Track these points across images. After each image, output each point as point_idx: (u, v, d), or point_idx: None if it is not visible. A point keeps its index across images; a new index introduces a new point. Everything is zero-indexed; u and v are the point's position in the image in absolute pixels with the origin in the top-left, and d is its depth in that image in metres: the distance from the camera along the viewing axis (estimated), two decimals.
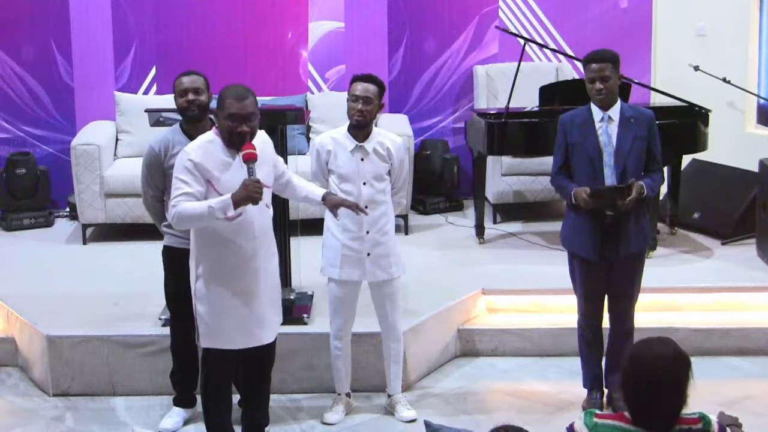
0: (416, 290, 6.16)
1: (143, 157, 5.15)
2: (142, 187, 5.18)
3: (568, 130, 5.15)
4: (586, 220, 5.10)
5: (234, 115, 4.41)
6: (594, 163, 5.06)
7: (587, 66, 5.09)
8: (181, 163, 4.46)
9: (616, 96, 5.11)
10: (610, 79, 5.03)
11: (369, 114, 5.09)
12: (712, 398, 5.18)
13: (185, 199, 4.41)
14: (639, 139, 5.08)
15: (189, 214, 4.40)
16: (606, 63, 5.04)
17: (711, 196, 7.50)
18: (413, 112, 8.47)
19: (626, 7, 8.46)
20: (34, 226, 7.90)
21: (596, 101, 5.09)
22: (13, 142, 8.23)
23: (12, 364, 5.98)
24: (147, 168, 5.09)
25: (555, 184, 5.27)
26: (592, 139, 5.07)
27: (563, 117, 5.23)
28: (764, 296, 6.35)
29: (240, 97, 4.42)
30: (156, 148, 5.04)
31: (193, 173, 4.42)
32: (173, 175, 4.52)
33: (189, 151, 4.46)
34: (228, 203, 4.37)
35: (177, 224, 4.49)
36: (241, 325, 4.59)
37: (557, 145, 5.20)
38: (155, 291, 6.09)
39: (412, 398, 5.53)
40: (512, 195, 7.88)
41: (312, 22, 8.29)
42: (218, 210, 4.37)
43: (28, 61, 8.17)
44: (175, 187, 4.45)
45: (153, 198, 5.14)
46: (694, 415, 3.15)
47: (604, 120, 5.08)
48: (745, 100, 7.95)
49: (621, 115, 5.09)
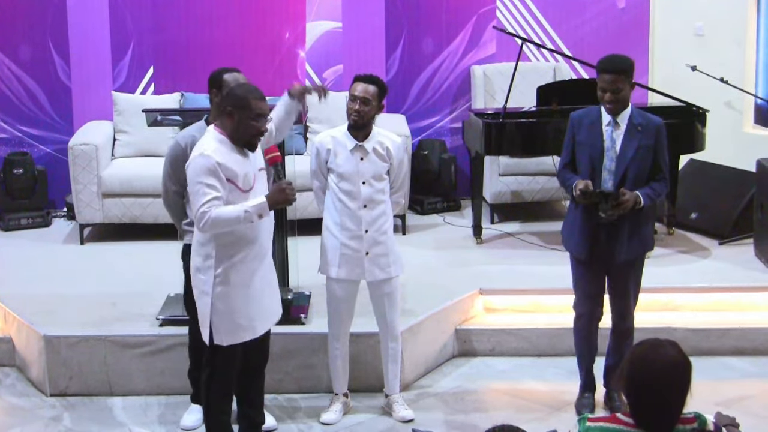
0: (414, 290, 6.16)
1: (167, 152, 5.06)
2: (164, 183, 5.09)
3: (577, 128, 5.14)
4: (580, 220, 5.11)
5: (261, 116, 4.47)
6: (594, 165, 5.06)
7: (600, 75, 5.00)
8: (204, 166, 4.41)
9: (627, 103, 5.05)
10: (622, 90, 4.96)
11: (366, 115, 5.09)
12: (710, 398, 5.19)
13: (216, 204, 4.40)
14: (644, 147, 5.03)
15: (225, 219, 4.40)
16: (619, 75, 4.95)
17: (708, 197, 7.50)
18: (411, 111, 8.47)
19: (624, 7, 8.46)
20: (31, 226, 7.89)
21: (607, 110, 5.05)
22: (11, 142, 8.22)
23: (9, 364, 5.98)
24: (171, 163, 5.00)
25: (560, 178, 5.27)
26: (597, 141, 5.05)
27: (573, 114, 5.21)
28: (762, 296, 6.35)
29: (262, 96, 4.50)
30: (182, 143, 4.95)
31: (218, 176, 4.41)
32: (194, 180, 4.44)
33: (210, 154, 4.42)
34: (263, 206, 4.44)
35: (210, 229, 4.45)
36: (259, 312, 4.66)
37: (566, 141, 5.20)
38: (153, 291, 6.13)
39: (409, 398, 5.53)
40: (510, 195, 7.88)
41: (309, 22, 8.28)
42: (254, 214, 4.42)
43: (25, 61, 8.17)
44: (202, 192, 4.40)
45: (175, 194, 5.05)
46: (690, 415, 3.16)
47: (611, 124, 5.05)
48: (743, 100, 7.96)
49: (629, 122, 5.04)
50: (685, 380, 3.09)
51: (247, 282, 4.60)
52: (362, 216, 5.13)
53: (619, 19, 8.46)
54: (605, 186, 5.04)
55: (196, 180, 4.44)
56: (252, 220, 4.44)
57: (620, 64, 4.99)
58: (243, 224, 4.45)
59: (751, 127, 8.05)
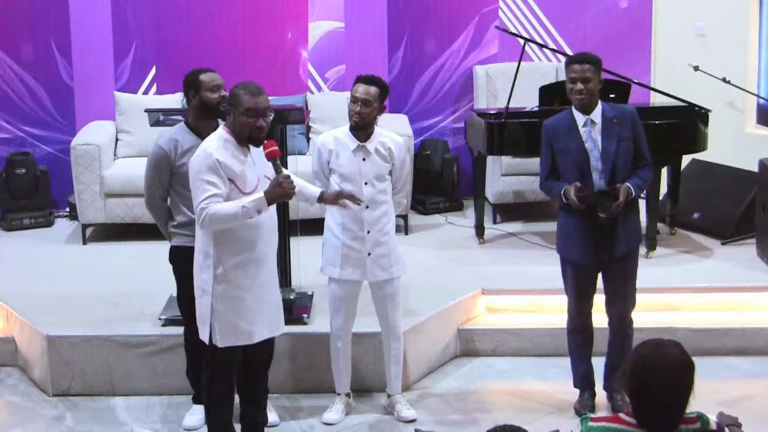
0: (416, 290, 6.16)
1: (149, 157, 5.08)
2: (147, 187, 5.10)
3: (552, 136, 5.15)
4: (577, 225, 5.10)
5: (251, 110, 4.45)
6: (582, 169, 5.06)
7: (568, 67, 5.08)
8: (205, 163, 4.44)
9: (596, 99, 5.09)
10: (591, 81, 5.01)
11: (368, 116, 5.08)
12: (712, 398, 5.19)
13: (215, 201, 4.41)
14: (624, 139, 5.07)
15: (223, 215, 4.41)
16: (587, 64, 5.03)
17: (711, 196, 7.49)
18: (413, 112, 8.47)
19: (626, 7, 8.46)
20: (34, 226, 7.90)
21: (576, 102, 5.07)
22: (13, 142, 8.23)
23: (12, 364, 5.98)
24: (155, 167, 5.02)
25: (544, 189, 5.26)
26: (578, 145, 5.07)
27: (546, 123, 5.22)
28: (764, 296, 6.35)
29: (255, 92, 4.49)
30: (165, 147, 4.97)
31: (219, 173, 4.43)
32: (196, 176, 4.46)
33: (212, 151, 4.45)
34: (262, 201, 4.43)
35: (209, 225, 4.46)
36: (260, 318, 4.65)
37: (543, 152, 5.20)
38: (155, 291, 6.13)
39: (412, 398, 5.54)
40: (512, 195, 7.88)
41: (312, 22, 8.28)
42: (252, 209, 4.42)
43: (27, 61, 8.17)
44: (202, 188, 4.43)
45: (160, 198, 5.08)
46: (692, 415, 3.15)
47: (587, 125, 5.08)
48: (745, 100, 7.96)
49: (603, 117, 5.08)
50: (687, 380, 3.09)
51: (247, 286, 4.59)
52: (364, 217, 5.13)
53: (621, 19, 8.46)
54: (598, 186, 5.05)
55: (197, 176, 4.46)
56: (251, 215, 4.43)
57: (588, 56, 5.11)
58: (242, 220, 4.45)
59: (754, 127, 8.04)
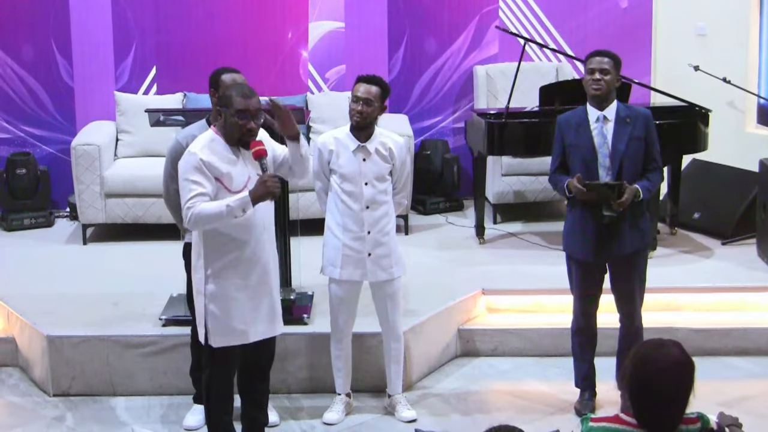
0: (416, 290, 6.16)
1: (168, 151, 5.05)
2: (165, 182, 5.09)
3: (565, 131, 5.16)
4: (582, 222, 5.11)
5: (242, 112, 4.45)
6: (588, 164, 5.07)
7: (588, 60, 5.10)
8: (190, 164, 4.45)
9: (613, 95, 5.11)
10: (609, 73, 5.04)
11: (368, 116, 5.09)
12: (713, 398, 5.19)
13: (201, 200, 4.41)
14: (635, 139, 5.08)
15: (207, 214, 4.41)
16: (607, 57, 5.07)
17: (711, 196, 7.49)
18: (413, 112, 8.46)
19: (626, 7, 8.46)
20: (34, 226, 7.89)
21: (592, 94, 5.08)
22: (14, 143, 8.22)
23: (12, 364, 5.98)
24: (172, 161, 4.96)
25: (551, 182, 5.31)
26: (587, 140, 5.08)
27: (560, 118, 5.25)
28: (765, 296, 6.35)
29: (247, 94, 4.48)
30: (183, 142, 4.92)
31: (204, 173, 4.43)
32: (182, 177, 4.48)
33: (196, 151, 4.46)
34: (246, 200, 4.41)
35: (194, 225, 4.47)
36: (255, 317, 4.63)
37: (555, 145, 5.23)
38: (155, 291, 6.13)
39: (412, 398, 5.53)
40: (512, 195, 7.88)
41: (312, 22, 8.28)
42: (237, 208, 4.40)
43: (28, 61, 8.17)
44: (188, 188, 4.43)
45: (176, 193, 4.98)
46: (693, 415, 3.15)
47: (600, 120, 5.08)
48: (746, 100, 7.95)
49: (617, 115, 5.09)
50: (688, 380, 3.09)
51: (239, 286, 4.57)
52: (364, 217, 5.14)
53: (622, 19, 8.46)
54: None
55: (183, 177, 4.48)
56: (236, 214, 4.41)
57: (609, 52, 5.14)
58: (227, 219, 4.43)
59: (754, 127, 8.04)
